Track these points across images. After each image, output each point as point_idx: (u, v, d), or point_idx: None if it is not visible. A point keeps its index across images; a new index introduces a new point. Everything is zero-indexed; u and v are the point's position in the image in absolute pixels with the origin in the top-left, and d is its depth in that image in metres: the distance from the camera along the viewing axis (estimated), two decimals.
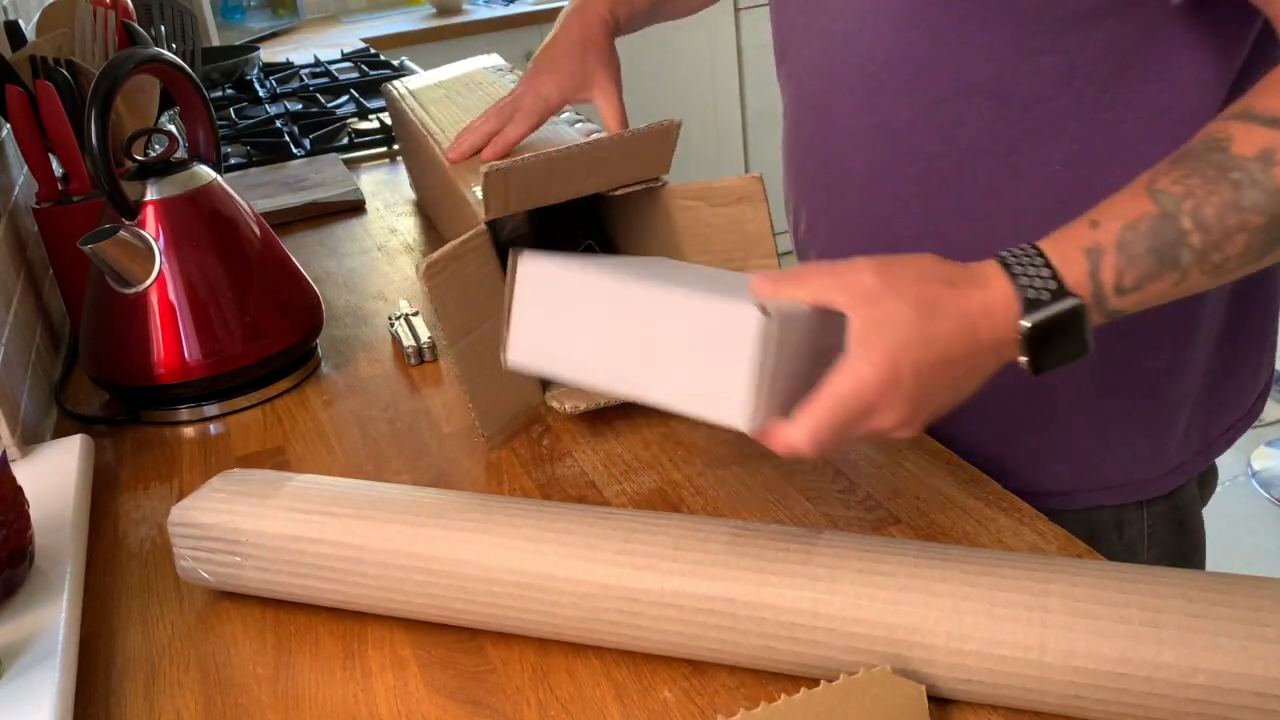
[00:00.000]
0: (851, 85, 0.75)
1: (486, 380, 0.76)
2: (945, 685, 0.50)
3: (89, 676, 0.61)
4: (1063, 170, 0.70)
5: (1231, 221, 0.53)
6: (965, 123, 0.71)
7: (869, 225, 0.78)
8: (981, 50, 0.68)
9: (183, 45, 1.54)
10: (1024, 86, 0.68)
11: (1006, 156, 0.71)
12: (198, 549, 0.63)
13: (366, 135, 1.63)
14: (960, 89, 0.70)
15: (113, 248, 0.82)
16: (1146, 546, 0.80)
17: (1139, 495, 0.78)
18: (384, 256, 1.19)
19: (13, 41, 1.14)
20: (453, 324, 0.73)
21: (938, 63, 0.70)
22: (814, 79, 0.79)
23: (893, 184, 0.75)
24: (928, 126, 0.72)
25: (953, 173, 0.72)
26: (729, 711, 0.53)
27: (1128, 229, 0.54)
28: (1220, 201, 0.53)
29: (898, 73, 0.71)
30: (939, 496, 0.67)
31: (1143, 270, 0.54)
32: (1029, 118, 0.69)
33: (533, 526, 0.57)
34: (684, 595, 0.53)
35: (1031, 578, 0.49)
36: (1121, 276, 0.54)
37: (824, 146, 0.80)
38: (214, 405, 0.88)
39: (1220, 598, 0.47)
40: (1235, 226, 0.53)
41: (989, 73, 0.68)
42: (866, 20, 0.72)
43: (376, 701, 0.56)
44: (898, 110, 0.73)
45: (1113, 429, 0.76)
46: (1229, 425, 0.81)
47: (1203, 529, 0.83)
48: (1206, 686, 0.46)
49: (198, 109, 0.94)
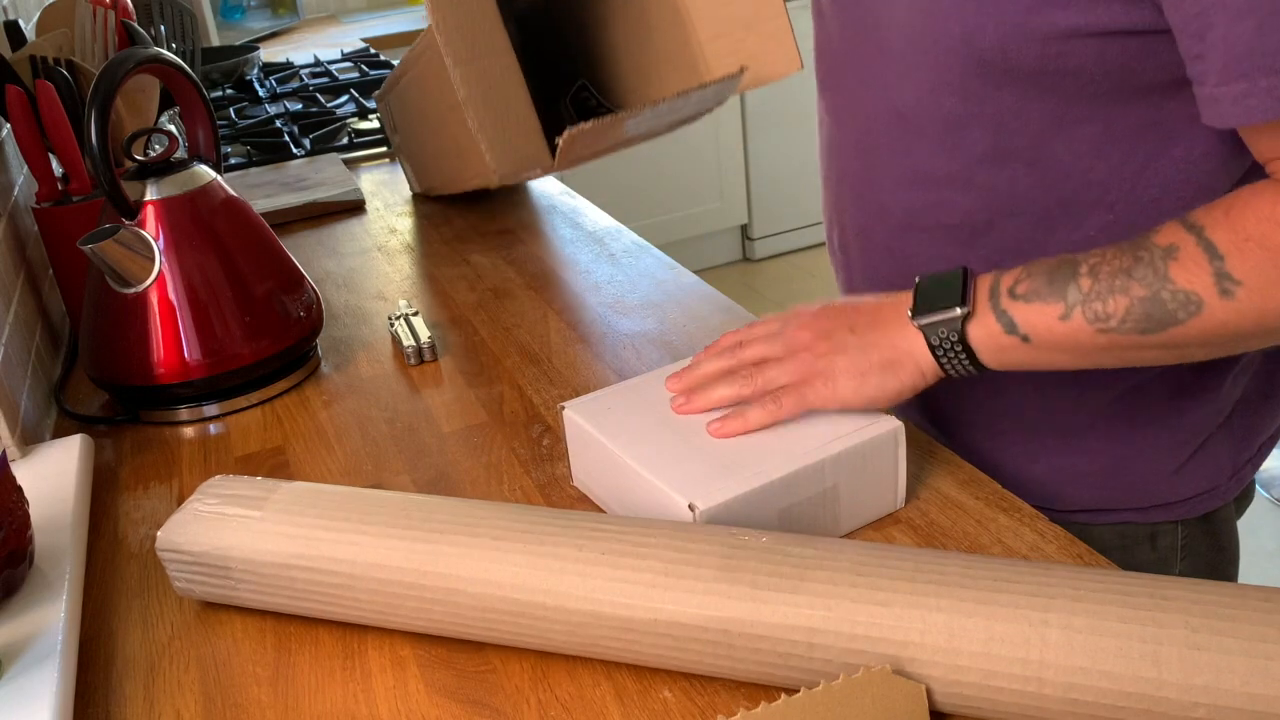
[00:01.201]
0: (890, 132, 0.74)
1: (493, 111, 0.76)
2: (942, 709, 0.50)
3: (89, 676, 0.61)
4: (1096, 236, 0.69)
5: (1118, 283, 0.59)
6: (999, 185, 0.70)
7: (898, 265, 0.78)
8: (1019, 118, 0.67)
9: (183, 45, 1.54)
10: (1061, 155, 0.67)
11: (1040, 220, 0.70)
12: (189, 573, 0.63)
13: (366, 135, 1.64)
14: (997, 153, 0.69)
15: (113, 248, 0.82)
16: (1180, 558, 0.78)
17: (1168, 516, 0.77)
18: (384, 256, 1.19)
19: (13, 41, 1.14)
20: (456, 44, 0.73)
21: (974, 126, 0.68)
22: (853, 119, 0.78)
23: (924, 232, 0.75)
24: (963, 183, 0.71)
25: (984, 229, 0.72)
26: (729, 711, 0.53)
27: (1038, 261, 0.62)
28: (1118, 267, 0.59)
29: (934, 130, 0.70)
30: (939, 496, 0.67)
31: (1035, 287, 0.61)
32: (1065, 186, 0.68)
33: (521, 551, 0.55)
34: (677, 625, 0.52)
35: (1031, 604, 0.48)
36: (1016, 284, 0.62)
37: (859, 182, 0.79)
38: (214, 405, 0.88)
39: (1224, 625, 0.46)
40: (1120, 288, 0.59)
41: (1026, 140, 0.67)
42: (907, 76, 0.70)
43: (376, 701, 0.56)
44: (935, 164, 0.71)
45: (1135, 452, 0.75)
46: (1260, 445, 0.79)
47: (1237, 542, 0.82)
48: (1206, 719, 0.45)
49: (198, 109, 0.94)
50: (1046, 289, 0.61)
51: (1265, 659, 0.45)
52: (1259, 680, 0.45)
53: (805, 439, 0.63)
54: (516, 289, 1.06)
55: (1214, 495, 0.77)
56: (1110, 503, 0.77)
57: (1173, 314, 0.58)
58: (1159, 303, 0.58)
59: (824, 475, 0.61)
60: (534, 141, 0.80)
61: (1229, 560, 0.81)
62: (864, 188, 0.78)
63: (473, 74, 0.74)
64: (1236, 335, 0.58)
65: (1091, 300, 0.59)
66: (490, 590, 0.55)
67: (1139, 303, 0.58)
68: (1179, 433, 0.74)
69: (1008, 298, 0.62)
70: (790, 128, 3.26)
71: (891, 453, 0.64)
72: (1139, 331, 0.59)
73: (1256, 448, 0.79)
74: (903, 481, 0.65)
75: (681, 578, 0.52)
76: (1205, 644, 0.46)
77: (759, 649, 0.51)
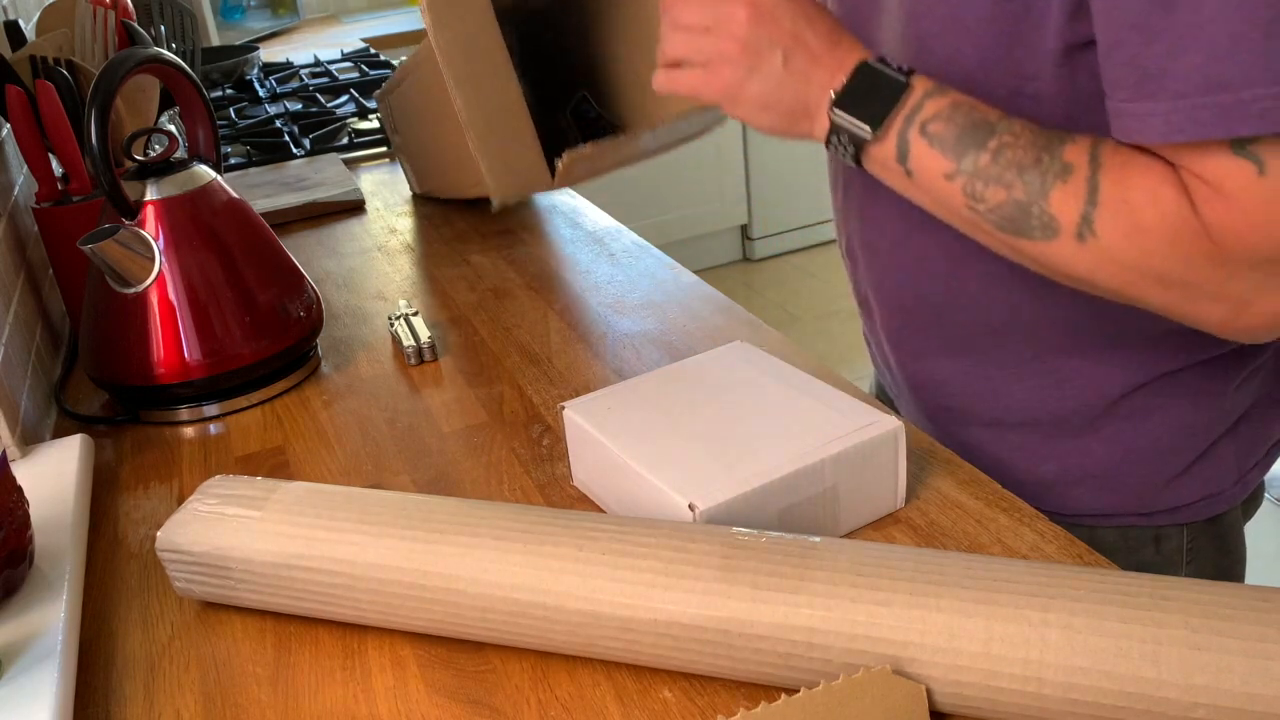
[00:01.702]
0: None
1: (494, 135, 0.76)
2: (942, 709, 0.50)
3: (89, 676, 0.61)
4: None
5: (1008, 176, 0.59)
6: None
7: (899, 276, 0.78)
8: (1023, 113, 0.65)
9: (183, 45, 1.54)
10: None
11: None
12: (189, 574, 0.63)
13: (366, 135, 1.64)
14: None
15: (113, 248, 0.82)
16: (1186, 562, 0.78)
17: (1172, 520, 0.77)
18: (384, 256, 1.19)
19: (13, 41, 1.14)
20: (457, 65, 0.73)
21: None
22: None
23: (922, 244, 0.75)
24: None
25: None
26: (729, 711, 0.53)
27: (969, 105, 0.61)
28: (1016, 159, 0.59)
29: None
30: (939, 496, 0.67)
31: (944, 134, 0.61)
32: None
33: (520, 551, 0.55)
34: (677, 625, 0.52)
35: (1031, 604, 0.48)
36: (934, 119, 0.61)
37: (863, 187, 0.79)
38: (214, 405, 0.88)
39: (1224, 625, 0.46)
40: (1006, 182, 0.59)
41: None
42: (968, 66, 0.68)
43: (376, 701, 0.56)
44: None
45: (1137, 456, 0.75)
46: (1268, 449, 0.79)
47: (1244, 546, 0.81)
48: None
49: (198, 109, 0.94)
50: (952, 142, 0.61)
51: (1265, 659, 0.45)
52: (1259, 680, 0.45)
53: (805, 439, 0.63)
54: (516, 289, 1.06)
55: (1219, 499, 0.77)
56: (1113, 506, 0.76)
57: (1031, 229, 0.59)
58: (1027, 213, 0.59)
59: (824, 475, 0.61)
60: (534, 162, 0.80)
61: (1235, 564, 0.81)
62: (868, 192, 0.78)
63: (473, 96, 0.74)
64: (1070, 275, 0.60)
65: (978, 178, 0.60)
66: (490, 590, 0.55)
67: (1012, 204, 0.59)
68: (1182, 436, 0.74)
69: (918, 130, 0.62)
70: None
71: (891, 453, 0.64)
72: (997, 226, 0.61)
73: (1264, 452, 0.78)
74: (903, 481, 0.65)
75: (681, 578, 0.52)
76: (1205, 644, 0.46)
77: (759, 649, 0.51)
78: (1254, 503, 0.83)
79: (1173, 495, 0.76)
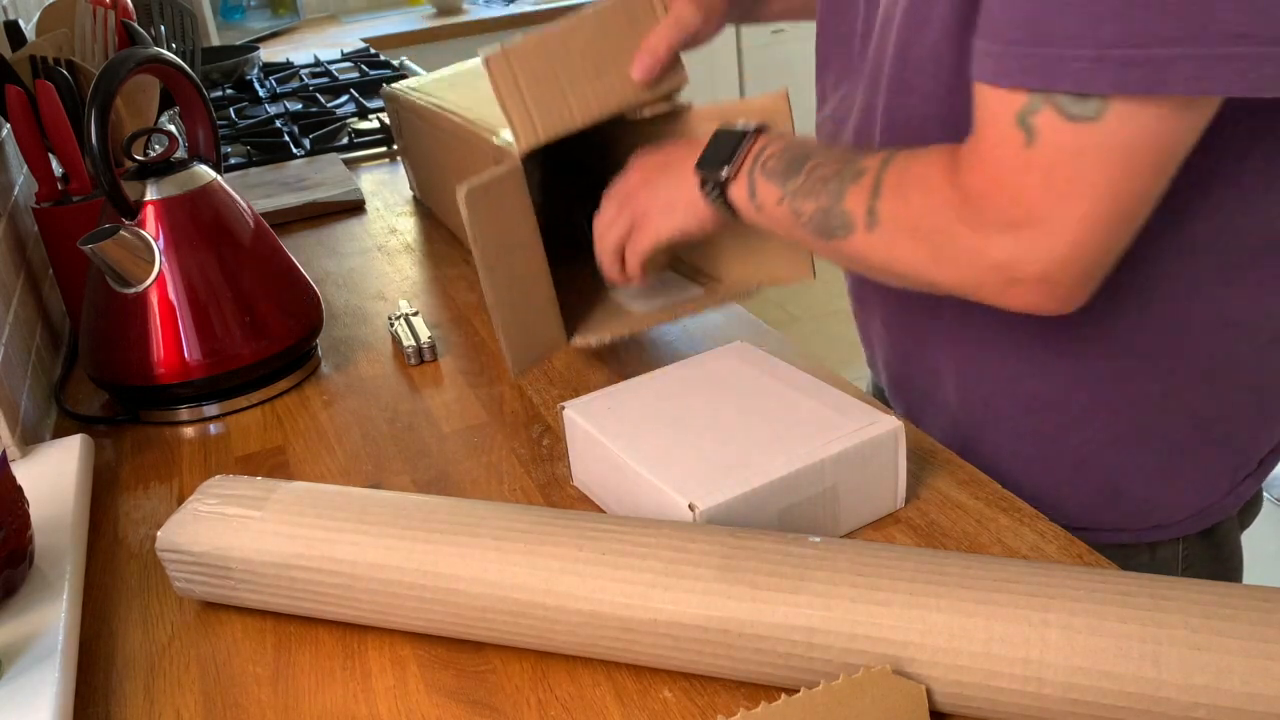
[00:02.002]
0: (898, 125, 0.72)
1: (516, 313, 0.78)
2: (942, 709, 0.50)
3: (89, 676, 0.61)
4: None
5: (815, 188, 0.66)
6: None
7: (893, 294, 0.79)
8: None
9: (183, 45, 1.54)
10: None
11: None
12: (189, 574, 0.62)
13: (366, 135, 1.64)
14: None
15: (113, 248, 0.82)
16: (1181, 570, 0.77)
17: (1164, 535, 0.76)
18: (384, 256, 1.19)
19: (13, 41, 1.14)
20: (488, 251, 0.76)
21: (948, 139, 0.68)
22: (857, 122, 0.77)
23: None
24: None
25: None
26: (729, 711, 0.53)
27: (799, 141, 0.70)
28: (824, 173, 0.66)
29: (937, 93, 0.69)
30: (939, 496, 0.67)
31: (776, 166, 0.69)
32: None
33: (521, 551, 0.55)
34: (677, 625, 0.52)
35: (1031, 605, 0.48)
36: (769, 156, 0.70)
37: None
38: (214, 405, 0.88)
39: (1224, 625, 0.46)
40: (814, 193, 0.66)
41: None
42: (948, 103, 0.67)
43: (376, 701, 0.56)
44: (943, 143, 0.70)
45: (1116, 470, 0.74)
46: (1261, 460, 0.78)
47: (1240, 554, 0.81)
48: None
49: (198, 109, 0.94)
50: (780, 171, 0.69)
51: (1265, 659, 0.45)
52: (1259, 680, 0.44)
53: (805, 439, 0.63)
54: None
55: (1212, 512, 0.76)
56: (1104, 523, 0.76)
57: (835, 229, 0.66)
58: (830, 216, 0.66)
59: (824, 475, 0.61)
60: (553, 329, 0.83)
61: (1231, 572, 0.81)
62: None
63: (500, 277, 0.77)
64: (869, 266, 0.66)
65: (796, 196, 0.68)
66: (490, 590, 0.55)
67: (819, 212, 0.66)
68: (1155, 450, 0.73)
69: (760, 168, 0.70)
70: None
71: (891, 452, 0.64)
72: (813, 233, 0.68)
73: (1256, 463, 0.78)
74: (903, 481, 0.65)
75: (681, 578, 0.52)
76: (1205, 644, 0.45)
77: (759, 649, 0.51)
78: (1251, 511, 0.83)
79: (1165, 509, 0.75)
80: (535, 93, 0.78)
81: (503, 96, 0.77)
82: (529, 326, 0.80)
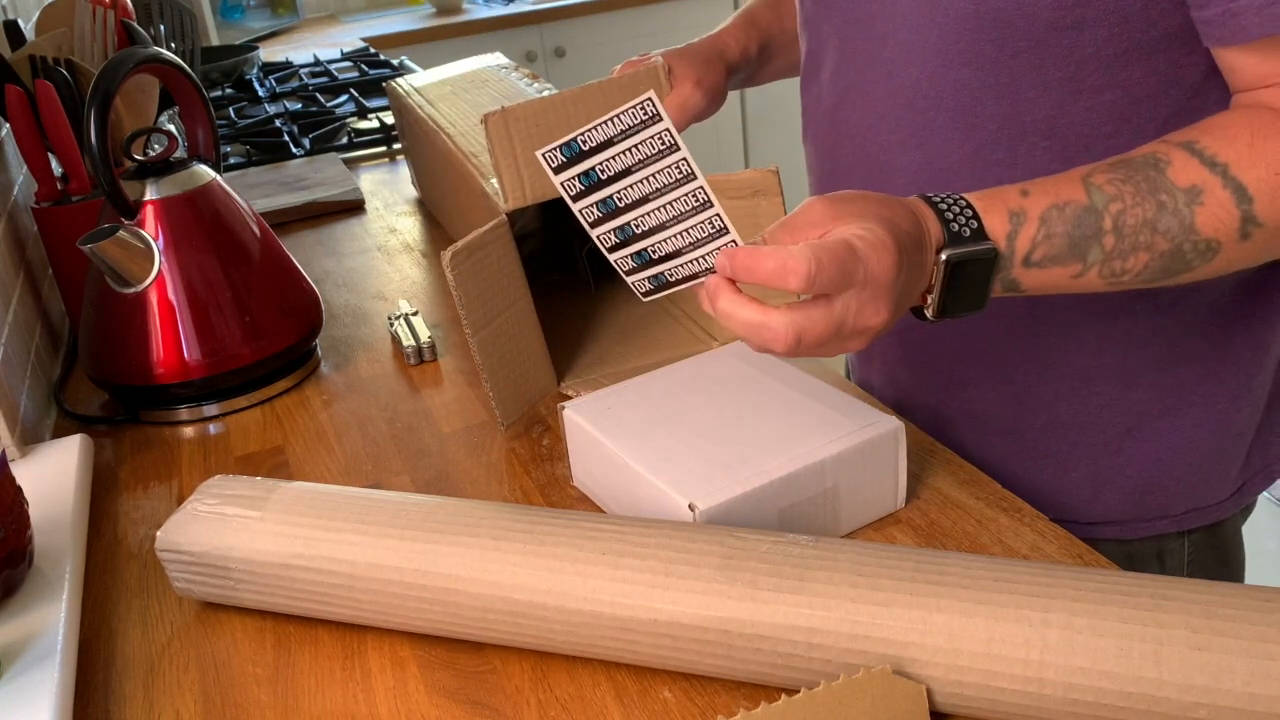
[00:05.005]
0: (897, 120, 0.71)
1: (505, 368, 0.77)
2: (942, 709, 0.50)
3: (89, 676, 0.61)
4: None
5: (1143, 238, 0.56)
6: (1018, 163, 0.67)
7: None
8: (1035, 88, 0.64)
9: (182, 45, 1.54)
10: (1081, 125, 0.65)
11: None
12: (189, 574, 0.62)
13: (366, 135, 1.63)
14: (1013, 128, 0.66)
15: (112, 247, 0.82)
16: (1186, 574, 0.78)
17: (1199, 521, 0.76)
18: (384, 256, 1.19)
19: (12, 41, 1.14)
20: (475, 313, 0.75)
21: (988, 101, 0.66)
22: (854, 106, 0.75)
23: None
24: (978, 167, 0.68)
25: None
26: (729, 711, 0.53)
27: (1055, 208, 0.56)
28: (1142, 216, 0.55)
29: (946, 110, 0.67)
30: (939, 496, 0.67)
31: (1054, 251, 0.56)
32: (1086, 158, 0.64)
33: (520, 551, 0.55)
34: (677, 625, 0.52)
35: (1031, 605, 0.48)
36: (1034, 249, 0.56)
37: (865, 177, 0.76)
38: (213, 405, 0.88)
39: (1224, 626, 0.46)
40: (1144, 244, 0.56)
41: (1043, 111, 0.65)
42: (912, 53, 0.67)
43: (376, 701, 0.56)
44: (946, 149, 0.69)
45: (1175, 456, 0.74)
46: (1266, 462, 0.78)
47: (1243, 553, 0.81)
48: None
49: (197, 109, 0.94)
50: (1066, 250, 0.56)
51: (1266, 659, 0.45)
52: (1260, 680, 0.44)
53: (805, 438, 0.63)
54: None
55: (1245, 492, 0.76)
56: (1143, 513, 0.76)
57: (1189, 263, 0.56)
58: (1180, 255, 0.56)
59: (824, 475, 0.61)
60: (543, 378, 0.83)
61: (1234, 572, 0.81)
62: (869, 184, 0.77)
63: (488, 338, 0.76)
64: (1231, 269, 0.58)
65: (1112, 259, 0.56)
66: (490, 590, 0.55)
67: (1160, 257, 0.56)
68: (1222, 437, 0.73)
69: (1021, 266, 0.57)
70: (790, 128, 3.26)
71: (891, 453, 0.64)
72: (1149, 281, 0.58)
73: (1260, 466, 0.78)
74: (903, 481, 0.65)
75: (681, 578, 0.52)
76: (1206, 644, 0.45)
77: (759, 649, 0.51)
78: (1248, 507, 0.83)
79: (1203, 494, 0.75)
80: (529, 154, 0.78)
81: (496, 155, 0.77)
82: (519, 379, 0.79)
